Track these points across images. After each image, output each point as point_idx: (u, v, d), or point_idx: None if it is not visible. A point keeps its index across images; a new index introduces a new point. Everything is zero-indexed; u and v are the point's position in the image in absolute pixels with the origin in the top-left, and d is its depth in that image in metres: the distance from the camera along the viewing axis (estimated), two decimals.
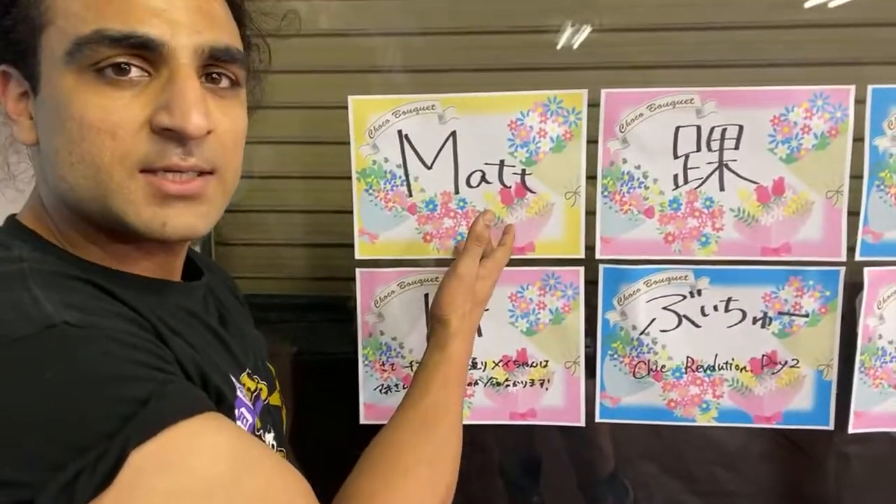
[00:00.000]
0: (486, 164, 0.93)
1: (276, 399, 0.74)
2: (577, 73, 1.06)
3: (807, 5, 1.02)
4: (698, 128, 0.89)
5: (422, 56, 1.09)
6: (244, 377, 0.66)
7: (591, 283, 0.95)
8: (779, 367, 0.93)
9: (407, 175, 0.94)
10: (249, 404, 0.63)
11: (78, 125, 0.50)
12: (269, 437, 0.67)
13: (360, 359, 0.99)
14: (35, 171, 0.58)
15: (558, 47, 1.06)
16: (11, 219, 0.59)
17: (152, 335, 0.51)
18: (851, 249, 0.90)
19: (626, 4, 1.06)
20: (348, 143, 0.93)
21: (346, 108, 0.92)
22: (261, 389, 0.69)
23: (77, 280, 0.50)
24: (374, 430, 0.96)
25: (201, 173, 0.54)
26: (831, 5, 1.00)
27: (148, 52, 0.50)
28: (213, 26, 0.54)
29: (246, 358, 0.68)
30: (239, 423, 0.58)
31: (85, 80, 0.50)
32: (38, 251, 0.53)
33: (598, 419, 0.97)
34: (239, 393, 0.60)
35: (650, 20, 1.04)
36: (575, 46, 1.06)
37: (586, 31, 1.05)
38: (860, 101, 0.87)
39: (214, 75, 0.55)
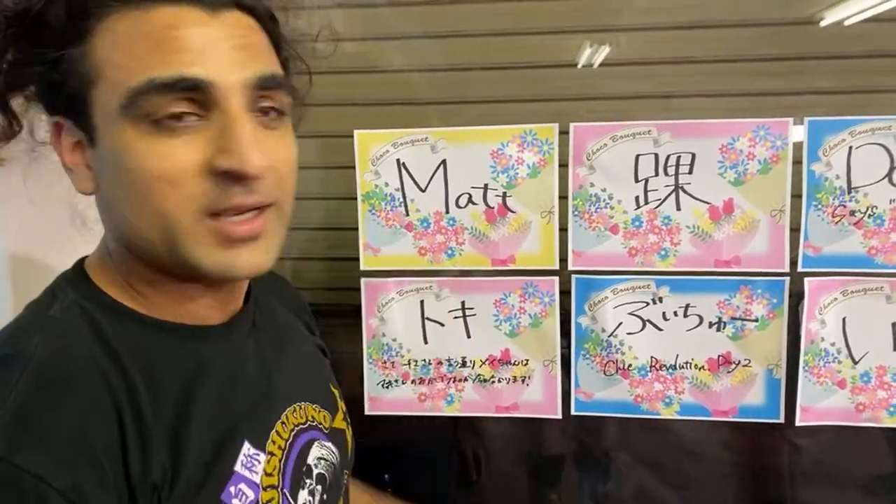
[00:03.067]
0: (473, 187, 1.07)
1: (339, 422, 0.74)
2: (561, 104, 1.20)
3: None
4: (656, 155, 1.02)
5: (423, 90, 1.24)
6: (290, 412, 0.65)
7: (565, 292, 1.08)
8: (733, 366, 1.05)
9: (404, 197, 1.08)
10: (257, 477, 0.58)
11: (140, 176, 0.51)
12: (305, 495, 0.63)
13: (365, 357, 1.13)
14: (101, 216, 0.59)
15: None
16: (79, 262, 0.61)
17: (117, 434, 0.50)
18: (795, 262, 1.01)
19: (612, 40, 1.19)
20: (354, 168, 1.08)
21: (352, 137, 1.07)
22: (321, 417, 0.70)
23: (84, 357, 0.52)
24: (378, 419, 1.11)
25: (261, 207, 0.55)
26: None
27: (198, 93, 0.51)
28: (257, 57, 0.54)
29: (299, 386, 0.68)
30: (236, 501, 0.55)
31: (141, 130, 0.50)
32: (83, 300, 0.56)
33: (573, 412, 1.10)
34: (241, 467, 0.57)
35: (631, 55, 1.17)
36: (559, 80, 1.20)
37: (594, 51, 1.19)
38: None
39: (264, 107, 0.55)
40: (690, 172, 1.02)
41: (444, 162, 1.07)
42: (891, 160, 0.98)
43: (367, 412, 1.13)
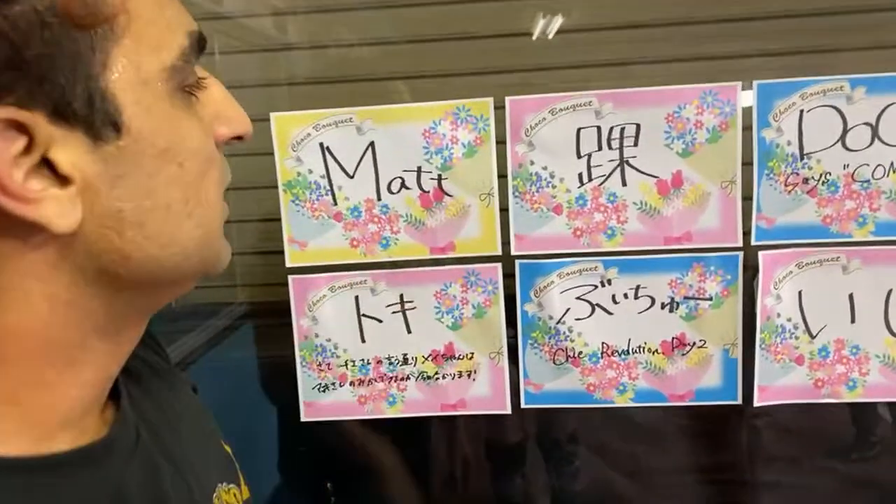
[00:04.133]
0: (405, 171, 0.98)
1: (245, 491, 0.57)
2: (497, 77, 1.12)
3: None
4: (598, 128, 0.95)
5: (348, 67, 1.14)
6: (215, 500, 0.51)
7: (509, 277, 1.01)
8: (688, 348, 1.00)
9: (331, 185, 0.99)
10: None
11: (198, 159, 0.39)
12: None
13: (298, 360, 1.04)
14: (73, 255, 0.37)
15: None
16: None
17: None
18: (748, 234, 0.96)
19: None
20: (272, 155, 0.98)
21: (268, 120, 0.98)
22: (235, 495, 0.55)
23: None
24: (315, 426, 1.03)
25: None
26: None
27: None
28: None
29: (209, 470, 0.52)
30: None
31: (178, 103, 0.38)
32: None
33: (523, 405, 1.03)
34: None
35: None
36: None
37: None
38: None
39: None
40: (636, 145, 0.95)
41: (372, 144, 0.98)
42: (843, 123, 0.93)
43: (302, 419, 1.05)
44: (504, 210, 0.99)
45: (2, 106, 0.32)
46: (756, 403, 0.99)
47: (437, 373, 1.03)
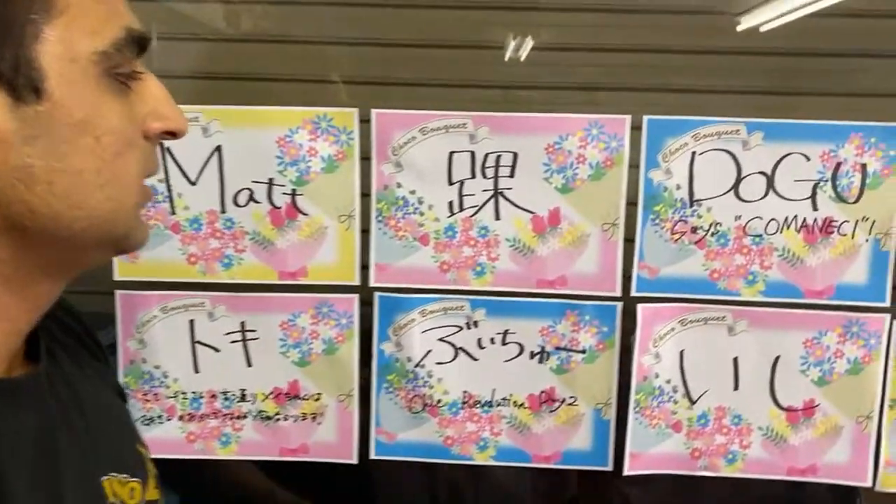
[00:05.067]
0: (255, 182, 0.87)
1: (152, 493, 0.58)
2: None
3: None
4: (472, 154, 0.85)
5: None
6: (105, 483, 0.51)
7: (367, 305, 0.90)
8: (557, 404, 0.90)
9: (170, 191, 0.87)
10: None
11: (115, 138, 0.43)
12: None
13: (122, 387, 0.91)
14: None
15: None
16: None
17: None
18: (630, 279, 0.87)
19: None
20: None
21: None
22: (126, 492, 0.55)
23: None
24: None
25: None
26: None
27: (141, 53, 0.45)
28: None
29: (108, 454, 0.54)
30: None
31: (104, 87, 0.43)
32: None
33: (373, 456, 0.92)
34: None
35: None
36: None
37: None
38: (636, 128, 0.84)
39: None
40: (512, 176, 0.86)
41: (218, 149, 0.86)
42: (738, 170, 0.85)
43: None
44: (364, 230, 0.88)
45: None
46: (626, 472, 0.89)
47: (278, 413, 0.91)
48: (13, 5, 0.39)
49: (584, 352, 0.88)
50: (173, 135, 0.48)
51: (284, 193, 0.87)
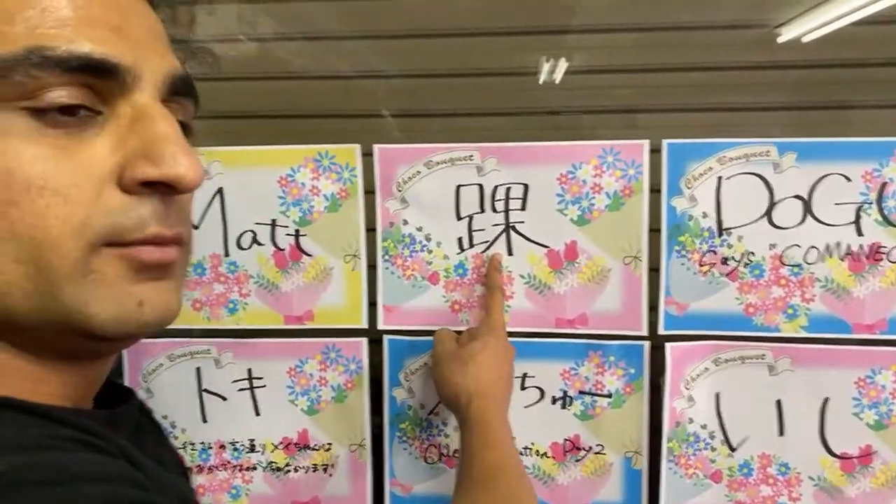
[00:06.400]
0: (257, 223, 0.84)
1: None
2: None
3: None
4: (480, 186, 0.81)
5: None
6: None
7: (376, 346, 0.85)
8: (583, 453, 0.83)
9: None
10: None
11: (6, 185, 0.34)
12: None
13: None
14: None
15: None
16: None
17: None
18: (657, 316, 0.80)
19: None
20: None
21: None
22: None
23: None
24: None
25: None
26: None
27: (105, 81, 0.36)
28: (170, 51, 0.41)
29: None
30: None
31: (10, 120, 0.34)
32: None
33: None
34: None
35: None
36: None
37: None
38: (656, 151, 0.78)
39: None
40: (523, 208, 0.80)
41: (220, 191, 0.84)
42: (770, 194, 0.78)
43: None
44: (371, 266, 0.84)
45: None
46: None
47: (288, 464, 0.87)
48: None
49: (609, 396, 0.82)
50: (170, 185, 0.37)
51: (288, 234, 0.84)
